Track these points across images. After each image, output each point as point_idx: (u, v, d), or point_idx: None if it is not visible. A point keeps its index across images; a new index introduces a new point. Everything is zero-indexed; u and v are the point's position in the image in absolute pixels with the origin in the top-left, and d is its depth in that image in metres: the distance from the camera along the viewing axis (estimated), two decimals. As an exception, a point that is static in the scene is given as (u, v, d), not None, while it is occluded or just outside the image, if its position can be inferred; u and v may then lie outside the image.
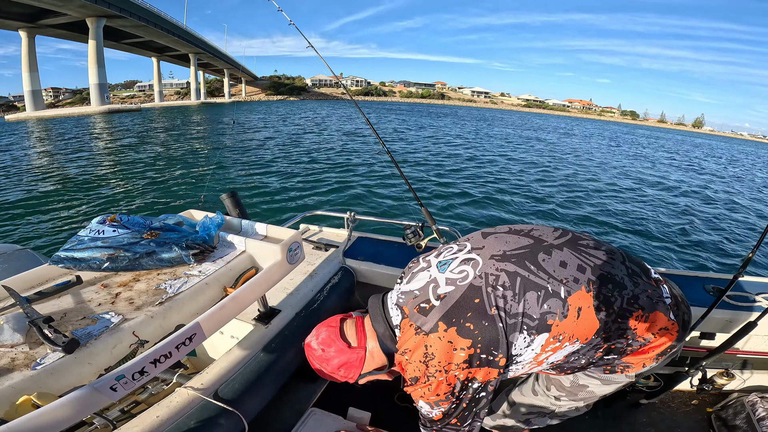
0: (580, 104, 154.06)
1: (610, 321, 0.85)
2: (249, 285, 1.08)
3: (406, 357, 0.91)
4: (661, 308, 0.88)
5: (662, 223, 8.87)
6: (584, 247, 0.93)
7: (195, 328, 0.92)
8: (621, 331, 0.86)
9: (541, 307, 0.83)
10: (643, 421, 1.86)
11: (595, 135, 41.79)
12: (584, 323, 0.84)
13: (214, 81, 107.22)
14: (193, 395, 1.11)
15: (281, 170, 12.24)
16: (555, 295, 0.84)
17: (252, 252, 1.24)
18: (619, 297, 0.86)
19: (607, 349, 0.88)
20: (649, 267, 0.97)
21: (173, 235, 1.17)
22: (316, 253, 2.07)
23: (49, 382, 0.78)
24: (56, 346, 0.80)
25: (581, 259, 0.89)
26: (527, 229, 0.99)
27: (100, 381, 0.75)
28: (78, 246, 1.09)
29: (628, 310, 0.85)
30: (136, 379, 0.80)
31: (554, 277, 0.86)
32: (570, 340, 0.85)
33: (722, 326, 1.68)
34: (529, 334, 0.84)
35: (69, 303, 0.99)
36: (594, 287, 0.85)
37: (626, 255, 0.96)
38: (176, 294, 1.03)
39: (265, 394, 1.33)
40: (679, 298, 0.95)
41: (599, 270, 0.88)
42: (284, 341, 1.42)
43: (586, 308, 0.84)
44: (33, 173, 11.93)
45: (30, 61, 44.91)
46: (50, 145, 19.13)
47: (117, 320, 0.92)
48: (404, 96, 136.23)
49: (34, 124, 32.84)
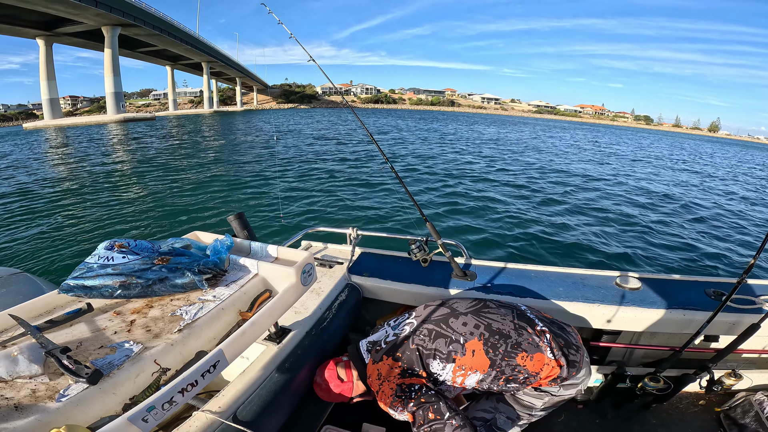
0: (592, 109, 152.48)
1: (498, 359, 1.30)
2: (266, 310, 1.08)
3: (370, 379, 1.40)
4: (540, 350, 1.31)
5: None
6: (485, 312, 1.40)
7: (218, 356, 0.91)
8: (512, 367, 1.29)
9: (447, 347, 1.33)
10: (654, 423, 1.88)
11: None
12: (478, 360, 1.31)
13: (227, 89, 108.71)
14: (212, 419, 1.10)
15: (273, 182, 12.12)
16: (456, 342, 1.34)
17: (265, 275, 1.24)
18: (504, 343, 1.31)
19: (506, 379, 1.31)
20: (537, 322, 1.39)
21: (184, 260, 1.15)
22: (321, 270, 2.07)
23: (75, 413, 0.77)
24: (79, 377, 0.79)
25: (478, 320, 1.37)
26: (450, 302, 1.49)
27: (132, 413, 0.74)
28: (88, 273, 1.08)
29: (513, 352, 1.30)
30: (165, 409, 0.80)
31: (456, 331, 1.36)
32: (471, 370, 1.31)
33: (727, 329, 1.73)
34: (441, 361, 1.33)
35: (83, 332, 0.98)
36: (484, 338, 1.33)
37: (518, 315, 1.41)
38: (193, 321, 1.02)
39: (282, 413, 1.33)
40: (563, 343, 1.35)
41: (490, 327, 1.35)
42: (297, 360, 1.43)
43: (478, 350, 1.31)
44: (38, 185, 11.92)
45: (48, 70, 45.98)
46: (61, 154, 19.42)
47: (137, 349, 0.91)
48: (414, 103, 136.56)
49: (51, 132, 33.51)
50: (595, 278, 2.00)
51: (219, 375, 1.29)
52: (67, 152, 20.45)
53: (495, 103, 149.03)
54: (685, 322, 1.71)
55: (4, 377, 0.80)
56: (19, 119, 69.25)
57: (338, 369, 1.48)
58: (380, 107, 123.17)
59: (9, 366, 0.81)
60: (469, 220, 8.59)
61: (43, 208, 9.43)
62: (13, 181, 12.86)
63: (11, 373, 0.81)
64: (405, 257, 2.19)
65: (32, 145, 24.00)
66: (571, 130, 56.65)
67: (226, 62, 74.76)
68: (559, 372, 1.31)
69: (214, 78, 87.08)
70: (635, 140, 43.74)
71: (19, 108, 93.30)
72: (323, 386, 1.47)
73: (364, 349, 1.49)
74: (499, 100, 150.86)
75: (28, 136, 32.06)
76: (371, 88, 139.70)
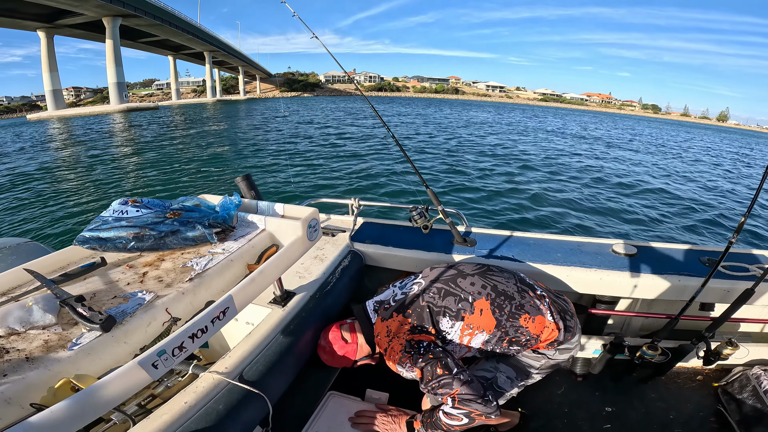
0: (599, 98, 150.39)
1: (503, 319, 1.33)
2: (274, 260, 1.10)
3: (379, 337, 1.41)
4: (541, 313, 1.36)
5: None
6: (490, 274, 1.44)
7: (228, 302, 0.93)
8: (515, 328, 1.33)
9: (457, 305, 1.36)
10: (652, 397, 1.91)
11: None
12: (485, 319, 1.33)
13: (230, 78, 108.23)
14: (218, 379, 1.11)
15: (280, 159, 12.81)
16: (465, 300, 1.36)
17: (272, 230, 1.26)
18: (509, 304, 1.35)
19: (509, 341, 1.35)
20: (538, 287, 1.45)
21: (195, 215, 1.19)
22: (324, 238, 2.10)
23: (86, 363, 0.77)
24: (93, 324, 0.79)
25: (485, 281, 1.41)
26: (457, 265, 1.53)
27: (143, 357, 0.74)
28: (103, 226, 1.11)
29: (517, 313, 1.34)
30: (175, 355, 0.80)
31: (465, 290, 1.39)
32: (478, 329, 1.34)
33: (721, 296, 1.74)
34: (450, 319, 1.35)
35: (97, 284, 0.99)
36: (491, 297, 1.36)
37: (521, 279, 1.46)
38: (204, 271, 1.05)
39: (287, 376, 1.35)
40: (560, 308, 1.41)
41: (496, 288, 1.39)
42: (302, 323, 1.44)
43: (486, 310, 1.34)
44: (44, 170, 12.25)
45: (50, 62, 45.83)
46: (66, 142, 19.77)
47: (150, 297, 0.93)
48: (418, 91, 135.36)
49: (54, 122, 33.70)
50: (592, 245, 2.03)
51: (222, 346, 1.34)
52: (69, 139, 20.91)
53: (500, 90, 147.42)
54: (680, 288, 1.73)
55: (18, 329, 0.81)
56: (22, 111, 69.46)
57: (342, 331, 1.50)
58: (383, 95, 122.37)
59: (23, 316, 0.82)
60: (468, 193, 9.23)
61: (49, 188, 9.81)
62: (17, 165, 13.27)
63: (25, 323, 0.81)
64: (406, 225, 2.23)
65: (36, 134, 24.36)
66: (574, 116, 56.58)
67: (228, 51, 74.20)
68: (557, 335, 1.35)
69: (217, 67, 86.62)
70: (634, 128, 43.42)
71: (22, 100, 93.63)
72: (327, 348, 1.48)
73: (370, 309, 1.51)
74: (504, 88, 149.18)
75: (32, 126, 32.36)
76: (375, 76, 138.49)
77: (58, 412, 0.62)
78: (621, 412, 1.84)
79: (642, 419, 1.80)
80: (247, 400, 1.11)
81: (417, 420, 1.40)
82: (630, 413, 1.83)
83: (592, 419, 1.81)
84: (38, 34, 45.81)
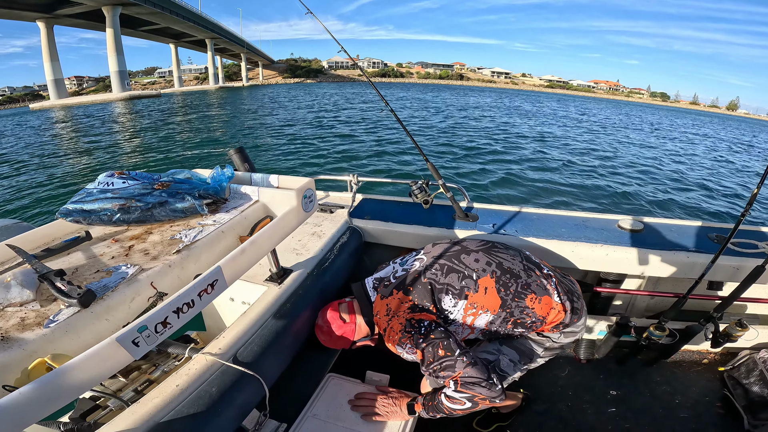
0: (606, 85, 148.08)
1: (509, 299, 1.26)
2: (267, 230, 1.05)
3: (378, 316, 1.35)
4: (548, 294, 1.29)
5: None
6: (495, 251, 1.36)
7: (216, 274, 0.87)
8: (521, 309, 1.26)
9: (460, 283, 1.28)
10: (658, 380, 1.87)
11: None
12: (490, 298, 1.26)
13: (232, 65, 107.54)
14: (211, 360, 1.06)
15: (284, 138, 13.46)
16: (469, 277, 1.29)
17: (265, 201, 1.21)
18: (515, 283, 1.28)
19: (515, 322, 1.28)
20: (544, 266, 1.38)
21: (185, 186, 1.13)
22: (322, 215, 2.05)
23: (63, 341, 0.72)
24: (71, 298, 0.74)
25: (490, 258, 1.34)
26: (461, 241, 1.45)
27: (121, 333, 0.68)
28: (87, 198, 1.05)
29: (523, 293, 1.27)
30: (159, 332, 0.74)
31: (469, 267, 1.31)
32: (482, 309, 1.27)
33: (730, 274, 1.68)
34: (453, 297, 1.28)
35: (80, 259, 0.94)
36: (496, 275, 1.29)
37: (527, 257, 1.39)
38: (192, 242, 1.00)
39: (284, 357, 1.30)
40: (567, 289, 1.34)
41: (501, 265, 1.32)
42: (299, 301, 1.39)
43: (490, 288, 1.27)
44: (46, 157, 12.39)
45: (50, 51, 45.65)
46: (66, 129, 20.16)
47: (133, 271, 0.88)
48: (422, 77, 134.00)
49: (57, 111, 33.79)
50: (597, 221, 1.98)
51: (220, 328, 1.29)
52: (71, 126, 21.22)
53: (505, 77, 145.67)
54: (689, 265, 1.67)
55: (-5, 306, 0.75)
56: (25, 100, 69.32)
57: (341, 310, 1.44)
58: (387, 81, 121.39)
59: (1, 293, 0.77)
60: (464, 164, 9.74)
61: (46, 172, 10.05)
62: (14, 150, 13.70)
63: (2, 300, 0.77)
64: (406, 201, 2.18)
65: (40, 122, 24.56)
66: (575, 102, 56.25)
67: (230, 38, 73.66)
68: (563, 317, 1.30)
69: (219, 54, 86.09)
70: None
71: (25, 90, 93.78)
72: (324, 329, 1.43)
73: (370, 287, 1.44)
74: (509, 74, 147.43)
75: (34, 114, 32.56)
76: (378, 62, 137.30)
77: (27, 394, 0.57)
78: (626, 396, 1.80)
79: (647, 403, 1.76)
80: (242, 383, 1.07)
81: (418, 402, 1.35)
82: (635, 397, 1.79)
83: (597, 402, 1.77)
84: (38, 24, 45.54)
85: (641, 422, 1.67)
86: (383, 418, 1.38)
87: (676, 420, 1.68)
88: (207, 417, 0.97)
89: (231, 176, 1.21)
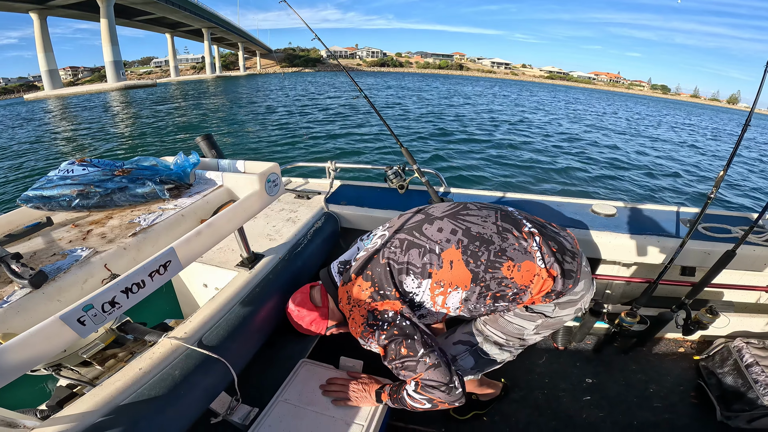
0: (606, 77, 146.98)
1: (481, 271, 1.08)
2: (226, 213, 1.05)
3: (341, 304, 1.23)
4: (529, 258, 1.09)
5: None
6: (462, 216, 1.18)
7: (169, 255, 0.87)
8: (497, 280, 1.08)
9: (422, 259, 1.12)
10: (633, 368, 1.88)
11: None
12: (457, 272, 1.09)
13: (229, 55, 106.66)
14: (176, 344, 1.07)
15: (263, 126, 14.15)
16: (431, 252, 1.12)
17: (229, 185, 1.20)
18: (486, 251, 1.09)
19: (493, 296, 1.11)
20: (525, 222, 1.17)
21: (147, 173, 1.12)
22: (299, 201, 2.06)
23: (15, 322, 0.72)
24: (22, 279, 0.75)
25: (455, 225, 1.15)
26: (426, 208, 1.29)
27: (66, 312, 0.68)
28: (47, 185, 1.05)
29: (497, 261, 1.08)
30: (106, 311, 0.74)
31: (431, 239, 1.14)
32: (451, 286, 1.11)
33: (701, 259, 1.68)
34: (415, 277, 1.12)
35: (39, 243, 0.95)
36: (462, 245, 1.10)
37: (501, 215, 1.18)
38: (150, 225, 0.99)
39: (253, 342, 1.29)
40: (556, 248, 1.13)
41: (469, 231, 1.13)
42: (269, 285, 1.39)
43: (456, 261, 1.09)
44: (28, 143, 12.90)
45: (44, 42, 45.11)
46: (58, 118, 20.56)
47: (87, 253, 0.87)
48: (421, 67, 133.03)
49: (52, 101, 33.62)
50: (572, 205, 1.99)
51: (197, 309, 1.29)
52: (62, 115, 21.65)
53: (505, 67, 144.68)
54: (660, 249, 1.68)
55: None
56: (20, 91, 68.74)
57: (313, 293, 1.33)
58: (386, 70, 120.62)
59: None
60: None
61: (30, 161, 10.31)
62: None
63: None
64: (383, 187, 2.20)
65: (33, 112, 24.56)
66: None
67: (227, 28, 72.93)
68: (553, 284, 1.10)
69: (216, 44, 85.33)
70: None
71: (19, 81, 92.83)
72: (295, 313, 1.32)
73: (335, 271, 1.31)
74: (509, 65, 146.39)
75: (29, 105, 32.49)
76: (377, 51, 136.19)
77: None
78: (601, 384, 1.81)
79: (622, 391, 1.77)
80: (206, 366, 1.07)
81: (385, 392, 1.30)
82: (610, 385, 1.81)
83: (573, 390, 1.78)
84: (31, 15, 44.98)
85: (615, 411, 1.68)
86: (353, 403, 1.35)
87: (650, 409, 1.69)
88: (169, 399, 0.97)
89: (196, 162, 1.20)
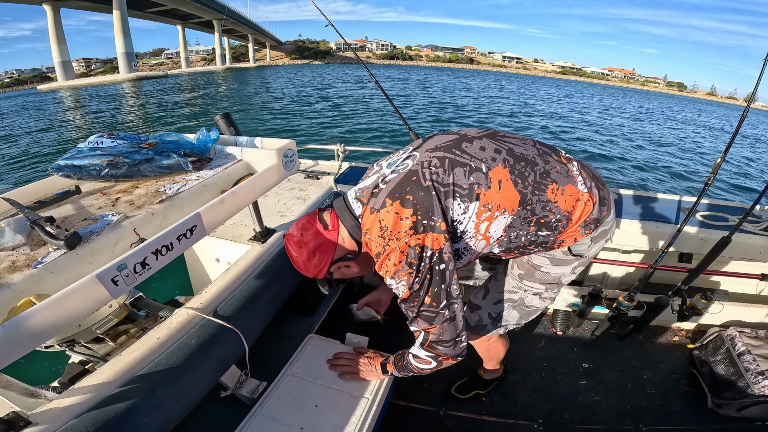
0: (621, 73, 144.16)
1: (528, 192, 0.99)
2: (247, 183, 1.11)
3: (368, 236, 1.03)
4: (572, 182, 1.03)
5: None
6: (501, 137, 1.08)
7: (196, 220, 0.92)
8: (543, 204, 1.00)
9: (468, 179, 0.97)
10: (628, 355, 1.90)
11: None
12: (506, 194, 0.98)
13: (239, 47, 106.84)
14: (192, 314, 1.11)
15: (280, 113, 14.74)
16: (478, 170, 0.98)
17: (248, 159, 1.26)
18: (532, 172, 1.01)
19: (537, 222, 1.02)
20: (560, 150, 1.11)
21: (171, 146, 1.18)
22: (309, 181, 2.13)
23: (49, 282, 0.75)
24: (58, 240, 0.79)
25: (497, 144, 1.04)
26: (455, 130, 1.15)
27: (101, 271, 0.72)
28: (77, 155, 1.12)
29: (543, 183, 1.00)
30: (137, 272, 0.80)
31: (476, 157, 1.00)
32: (499, 209, 0.99)
33: (698, 245, 1.72)
34: (462, 201, 0.97)
35: (69, 210, 1.01)
36: (509, 164, 1.00)
37: (538, 141, 1.11)
38: (176, 194, 1.06)
39: (264, 314, 1.34)
40: (591, 174, 1.09)
41: (512, 152, 1.03)
42: (281, 259, 1.44)
43: (505, 181, 0.98)
44: (43, 129, 13.44)
45: (57, 34, 45.52)
46: (72, 106, 21.31)
47: (118, 218, 0.94)
48: (431, 60, 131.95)
49: (65, 92, 34.11)
50: None
51: (209, 285, 1.35)
52: (76, 104, 22.36)
53: (516, 62, 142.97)
54: (657, 235, 1.71)
55: (-11, 252, 0.79)
56: (33, 82, 69.52)
57: (320, 216, 1.15)
58: (396, 63, 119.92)
59: None
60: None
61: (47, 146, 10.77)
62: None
63: None
64: None
65: (47, 102, 24.99)
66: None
67: (237, 19, 73.10)
68: (592, 210, 1.05)
69: (226, 35, 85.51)
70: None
71: (33, 72, 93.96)
72: (296, 238, 1.11)
73: (352, 198, 1.12)
74: (521, 59, 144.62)
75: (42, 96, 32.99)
76: (387, 44, 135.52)
77: (11, 328, 0.61)
78: (597, 369, 1.84)
79: (617, 377, 1.80)
80: (221, 336, 1.11)
81: (390, 362, 1.32)
82: (606, 371, 1.83)
83: (570, 375, 1.81)
84: (44, 7, 45.32)
85: (610, 396, 1.71)
86: (360, 377, 1.38)
87: (644, 395, 1.71)
88: (185, 369, 1.02)
89: (216, 138, 1.26)
